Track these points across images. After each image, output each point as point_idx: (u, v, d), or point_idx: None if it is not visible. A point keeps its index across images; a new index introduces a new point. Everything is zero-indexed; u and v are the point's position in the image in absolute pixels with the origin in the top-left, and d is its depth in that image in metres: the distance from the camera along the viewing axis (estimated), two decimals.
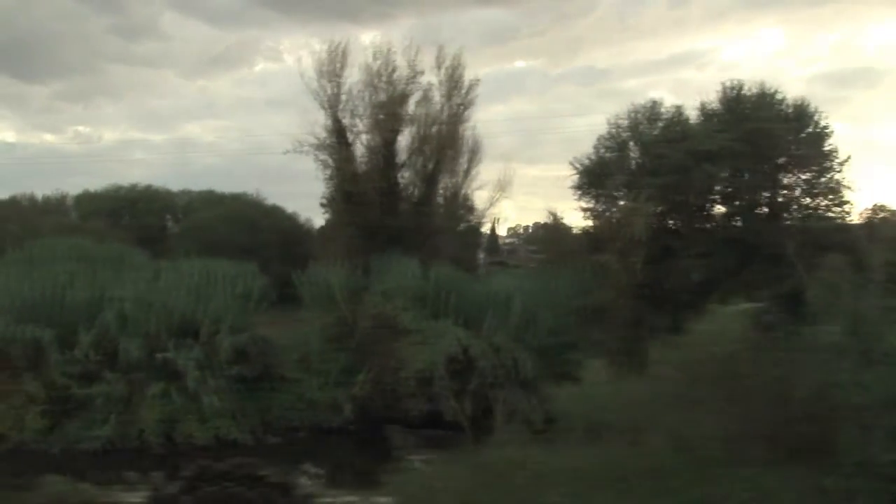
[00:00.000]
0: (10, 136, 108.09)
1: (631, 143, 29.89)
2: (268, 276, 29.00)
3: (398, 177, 31.30)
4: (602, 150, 30.25)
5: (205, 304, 24.44)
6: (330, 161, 30.69)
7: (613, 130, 30.04)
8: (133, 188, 50.46)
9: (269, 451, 22.87)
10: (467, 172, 33.03)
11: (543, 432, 10.52)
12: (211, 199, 51.61)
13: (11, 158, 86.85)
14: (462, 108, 31.59)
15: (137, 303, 24.26)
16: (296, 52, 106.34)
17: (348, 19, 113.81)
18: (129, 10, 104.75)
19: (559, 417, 11.14)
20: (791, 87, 75.55)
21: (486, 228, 47.29)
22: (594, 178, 30.06)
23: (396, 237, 30.14)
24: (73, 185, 77.45)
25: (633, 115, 29.92)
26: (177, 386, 23.16)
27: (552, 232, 47.78)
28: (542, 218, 64.84)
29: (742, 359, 6.88)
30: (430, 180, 31.73)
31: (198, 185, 58.71)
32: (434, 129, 31.28)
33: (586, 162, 30.21)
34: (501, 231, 74.24)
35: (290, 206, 51.34)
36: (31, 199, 49.49)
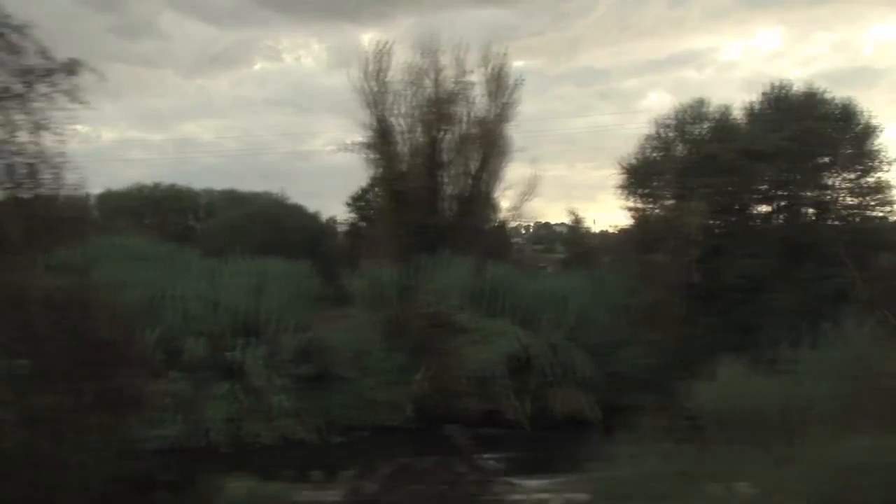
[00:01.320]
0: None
1: (677, 143, 30.09)
2: None
3: (442, 176, 31.35)
4: (647, 150, 30.43)
5: (267, 303, 24.40)
6: (376, 160, 30.73)
7: (659, 130, 30.24)
8: (157, 187, 50.20)
9: (335, 451, 22.97)
10: (496, 172, 32.92)
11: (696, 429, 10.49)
12: (234, 198, 51.45)
13: None
14: (506, 107, 31.65)
15: (200, 301, 24.21)
16: (295, 52, 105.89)
17: (347, 19, 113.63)
18: (128, 10, 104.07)
19: (696, 414, 11.15)
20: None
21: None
22: (640, 178, 30.22)
23: (441, 236, 30.18)
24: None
25: (678, 114, 30.13)
26: (242, 385, 23.15)
27: (573, 232, 48.08)
28: (543, 218, 65.48)
29: None
30: (473, 180, 31.78)
31: (197, 183, 58.28)
32: (478, 128, 31.35)
33: (632, 162, 30.42)
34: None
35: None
36: None
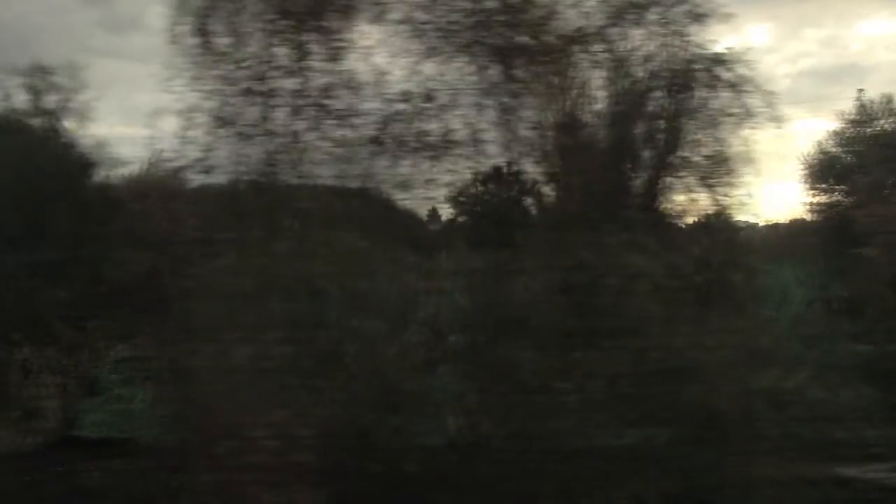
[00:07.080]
0: None
1: (864, 138, 30.39)
2: None
3: (631, 168, 31.18)
4: (831, 146, 30.71)
5: None
6: (563, 151, 30.40)
7: (843, 125, 30.52)
8: None
9: None
10: (673, 164, 32.84)
11: None
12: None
13: None
14: (685, 101, 31.49)
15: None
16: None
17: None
18: (116, 4, 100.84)
19: None
20: (778, 84, 76.47)
21: None
22: (827, 174, 30.47)
23: (631, 228, 30.03)
24: None
25: (863, 109, 30.43)
26: None
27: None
28: None
29: None
30: (656, 172, 31.68)
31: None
32: (663, 121, 31.20)
33: (817, 157, 30.67)
34: None
35: None
36: None
